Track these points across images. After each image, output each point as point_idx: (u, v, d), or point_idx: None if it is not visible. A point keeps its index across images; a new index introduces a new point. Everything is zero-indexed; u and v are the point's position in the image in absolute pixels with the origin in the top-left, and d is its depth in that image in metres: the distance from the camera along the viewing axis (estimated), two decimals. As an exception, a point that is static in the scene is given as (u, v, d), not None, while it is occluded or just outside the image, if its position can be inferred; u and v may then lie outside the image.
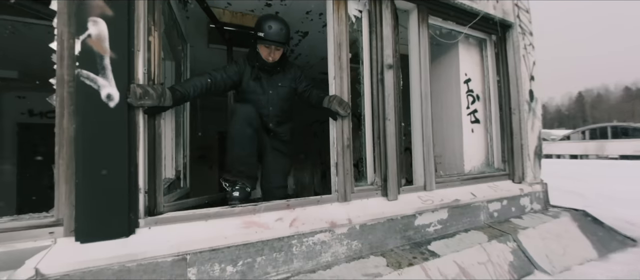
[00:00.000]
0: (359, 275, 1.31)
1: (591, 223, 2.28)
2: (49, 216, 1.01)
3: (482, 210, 2.02)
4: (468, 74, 2.44)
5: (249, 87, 1.71)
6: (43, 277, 0.89)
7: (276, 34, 1.59)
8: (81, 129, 1.02)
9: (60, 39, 1.03)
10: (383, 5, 1.75)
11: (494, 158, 2.45)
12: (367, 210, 1.57)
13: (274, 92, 1.74)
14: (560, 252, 1.91)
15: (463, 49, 2.43)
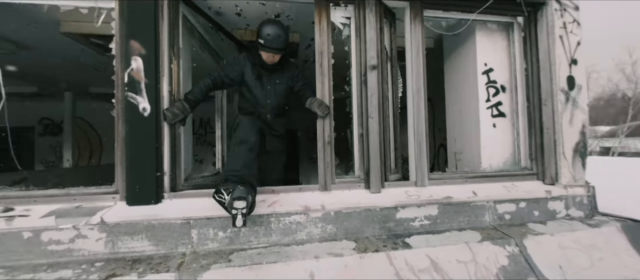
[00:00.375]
0: (324, 253, 1.52)
1: None
2: (112, 188, 1.60)
3: (488, 210, 1.89)
4: (489, 64, 2.25)
5: (251, 82, 1.89)
6: (105, 223, 1.45)
7: (274, 41, 1.74)
8: (128, 132, 1.57)
9: (116, 73, 1.60)
10: (367, 10, 1.86)
11: (521, 155, 2.20)
12: (344, 199, 1.75)
13: (272, 88, 1.92)
14: (586, 265, 1.65)
15: (482, 36, 2.25)
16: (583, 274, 1.61)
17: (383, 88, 1.91)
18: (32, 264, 1.37)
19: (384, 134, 1.91)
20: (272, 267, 1.41)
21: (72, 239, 1.42)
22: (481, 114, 2.23)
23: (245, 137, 1.72)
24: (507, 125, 2.26)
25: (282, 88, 1.95)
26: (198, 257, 1.46)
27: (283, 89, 1.96)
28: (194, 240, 1.54)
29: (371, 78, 1.85)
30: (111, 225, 1.46)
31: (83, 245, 1.43)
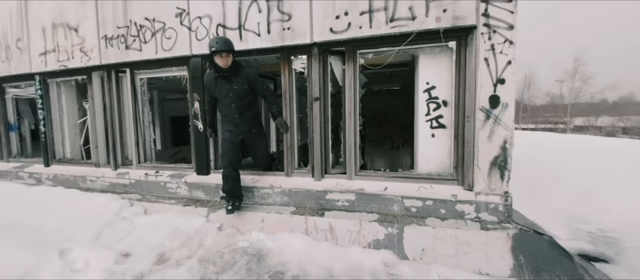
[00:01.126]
0: (274, 212, 2.75)
1: (547, 248, 1.98)
2: (191, 165, 3.35)
3: (396, 202, 2.53)
4: (431, 82, 2.64)
5: (218, 92, 2.60)
6: (187, 182, 3.20)
7: (220, 44, 2.39)
8: (195, 139, 3.24)
9: (189, 108, 3.27)
10: (312, 60, 2.75)
11: (451, 163, 2.57)
12: (297, 183, 2.87)
13: (233, 93, 2.57)
14: (450, 254, 2.15)
15: (426, 58, 2.65)
16: (442, 260, 2.14)
17: (325, 112, 2.80)
18: (163, 196, 3.30)
19: (325, 143, 2.83)
20: (247, 214, 2.77)
21: (177, 187, 3.25)
22: (420, 126, 2.69)
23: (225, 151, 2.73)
24: (446, 135, 2.62)
25: (241, 90, 2.58)
26: (220, 204, 3.01)
27: (242, 91, 2.58)
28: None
29: (315, 106, 2.78)
30: (190, 183, 3.20)
31: (179, 191, 3.25)
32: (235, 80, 2.60)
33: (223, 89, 2.60)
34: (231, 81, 2.59)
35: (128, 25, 3.37)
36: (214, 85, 2.63)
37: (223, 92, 2.61)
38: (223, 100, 2.65)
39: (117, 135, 3.70)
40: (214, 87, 2.63)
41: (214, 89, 2.64)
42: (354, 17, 2.54)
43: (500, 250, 2.07)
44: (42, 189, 3.78)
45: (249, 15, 2.85)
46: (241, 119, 2.71)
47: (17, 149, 4.73)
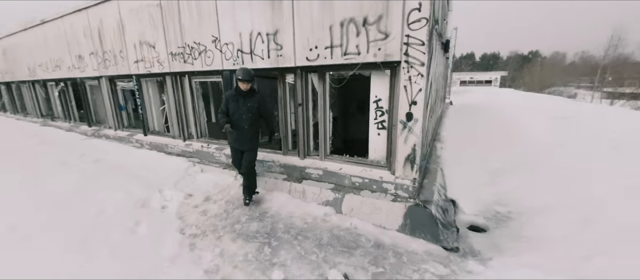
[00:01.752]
0: (273, 177, 4.30)
1: (425, 217, 3.09)
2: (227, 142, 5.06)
3: (346, 178, 3.81)
4: (379, 96, 3.66)
5: (233, 107, 3.51)
6: (224, 154, 4.95)
7: (244, 76, 3.41)
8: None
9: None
10: (297, 78, 3.96)
11: (385, 155, 3.67)
12: (288, 160, 4.32)
13: (246, 109, 3.52)
14: (367, 212, 3.42)
15: (375, 78, 3.64)
16: (362, 217, 3.42)
17: (306, 113, 4.07)
18: (211, 161, 5.13)
19: (307, 134, 4.15)
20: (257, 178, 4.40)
21: (219, 156, 5.03)
22: (371, 126, 3.79)
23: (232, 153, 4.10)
24: (385, 135, 3.68)
25: (252, 107, 3.56)
26: (242, 169, 4.69)
27: (253, 107, 3.57)
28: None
29: (299, 109, 4.07)
30: (226, 154, 4.94)
31: (221, 158, 5.03)
32: (249, 99, 3.57)
33: (239, 104, 3.53)
34: (246, 99, 3.56)
35: (184, 46, 4.97)
36: (232, 101, 3.56)
37: (238, 106, 3.53)
38: (236, 113, 3.54)
39: (183, 118, 5.59)
40: (231, 102, 3.56)
41: (230, 104, 3.58)
42: (321, 50, 3.62)
43: (397, 214, 3.26)
44: (143, 151, 6.03)
45: (256, 45, 4.13)
46: (245, 132, 3.59)
47: (126, 122, 7.17)
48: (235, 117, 3.58)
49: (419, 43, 3.03)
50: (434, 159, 5.09)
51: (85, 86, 7.71)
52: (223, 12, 4.31)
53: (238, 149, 3.81)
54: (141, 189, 4.24)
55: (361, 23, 3.27)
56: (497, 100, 17.51)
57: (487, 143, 6.32)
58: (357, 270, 2.58)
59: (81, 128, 8.19)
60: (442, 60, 6.73)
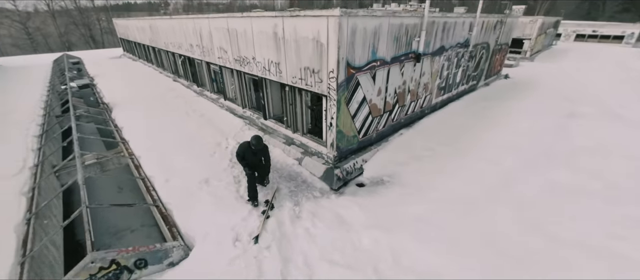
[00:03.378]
0: (279, 142, 8.12)
1: (331, 173, 6.43)
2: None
3: (309, 147, 7.30)
4: (325, 108, 6.78)
5: (250, 156, 5.47)
6: (262, 122, 8.99)
7: (256, 144, 5.39)
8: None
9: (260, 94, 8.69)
10: (289, 89, 7.32)
11: (328, 140, 6.94)
12: (289, 133, 8.02)
13: (257, 158, 5.65)
14: (311, 166, 6.96)
15: (323, 99, 6.73)
16: (308, 165, 6.98)
17: (294, 109, 7.51)
18: (255, 125, 9.28)
19: (295, 121, 7.66)
20: (270, 140, 8.31)
21: (259, 122, 9.12)
22: (323, 123, 7.01)
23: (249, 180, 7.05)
24: (326, 129, 6.87)
25: (259, 158, 5.72)
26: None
27: (260, 158, 5.74)
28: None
29: (290, 107, 7.54)
30: (264, 123, 8.97)
31: (258, 123, 9.12)
32: (258, 153, 5.66)
33: (254, 155, 5.59)
34: (257, 153, 5.63)
35: (240, 56, 8.76)
36: (248, 153, 5.50)
37: (254, 156, 5.61)
38: (253, 160, 5.61)
39: (243, 95, 9.73)
40: (248, 153, 5.50)
41: (247, 155, 5.51)
42: (296, 79, 6.84)
43: (321, 169, 6.68)
44: (223, 111, 10.64)
45: (270, 67, 7.56)
46: (259, 167, 5.86)
47: (216, 89, 11.91)
48: (253, 162, 5.72)
49: (333, 88, 5.98)
50: (384, 144, 7.91)
51: (194, 62, 12.68)
52: (257, 46, 7.79)
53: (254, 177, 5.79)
54: (219, 136, 8.74)
55: (312, 71, 6.32)
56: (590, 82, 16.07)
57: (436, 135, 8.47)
58: (288, 185, 6.31)
59: (193, 87, 13.56)
60: (410, 66, 8.61)
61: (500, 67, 16.37)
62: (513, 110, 10.93)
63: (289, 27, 6.46)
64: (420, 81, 8.80)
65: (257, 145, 5.46)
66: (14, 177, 6.47)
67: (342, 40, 5.51)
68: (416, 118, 9.53)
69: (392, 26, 6.62)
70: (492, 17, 12.12)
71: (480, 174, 6.37)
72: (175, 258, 4.35)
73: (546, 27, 25.23)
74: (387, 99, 7.63)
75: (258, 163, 5.82)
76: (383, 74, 7.05)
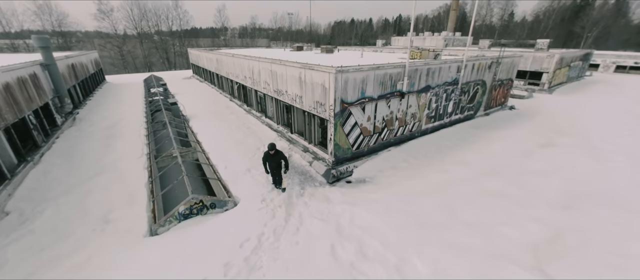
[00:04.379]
0: (298, 150, 11.28)
1: (329, 172, 9.31)
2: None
3: (317, 154, 10.30)
4: (327, 129, 9.81)
5: (270, 160, 7.95)
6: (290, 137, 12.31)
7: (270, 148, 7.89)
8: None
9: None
10: (308, 114, 10.52)
11: (329, 147, 9.89)
12: (304, 143, 11.15)
13: (275, 161, 7.94)
14: (317, 167, 9.93)
15: (327, 123, 9.78)
16: (315, 166, 9.96)
17: (311, 127, 10.65)
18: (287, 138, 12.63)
19: (311, 135, 10.76)
20: (292, 147, 11.52)
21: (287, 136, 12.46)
22: (328, 137, 10.01)
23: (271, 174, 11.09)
24: (329, 142, 9.83)
25: (278, 161, 7.95)
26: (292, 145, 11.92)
27: (278, 161, 7.95)
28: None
29: (308, 126, 10.69)
30: (291, 136, 12.28)
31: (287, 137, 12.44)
32: (276, 157, 7.91)
33: (272, 159, 7.89)
34: (275, 157, 7.90)
35: (278, 88, 12.27)
36: (268, 159, 7.93)
37: (272, 160, 7.91)
38: (272, 163, 7.96)
39: (278, 115, 13.21)
40: (268, 159, 7.93)
41: (269, 160, 7.97)
42: (311, 108, 9.99)
43: (323, 169, 9.60)
44: (264, 127, 14.22)
45: (296, 99, 10.86)
46: (278, 169, 8.10)
47: (258, 109, 15.66)
48: (273, 165, 8.12)
49: (332, 116, 8.99)
50: (373, 156, 10.59)
51: (246, 88, 16.71)
52: (288, 83, 11.21)
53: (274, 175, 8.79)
54: (259, 142, 12.20)
55: (320, 103, 9.44)
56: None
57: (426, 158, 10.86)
58: (300, 177, 9.32)
59: (243, 107, 17.58)
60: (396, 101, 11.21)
61: (503, 99, 17.85)
62: (495, 137, 12.77)
63: (308, 75, 9.74)
64: (407, 112, 11.38)
65: (271, 149, 8.04)
66: (139, 159, 10.51)
67: (338, 86, 8.58)
68: (405, 139, 12.01)
69: (377, 75, 9.51)
70: (483, 59, 14.21)
71: (432, 179, 8.74)
72: (229, 207, 7.58)
73: (569, 61, 25.41)
74: (376, 124, 10.39)
75: (276, 166, 8.17)
76: (371, 106, 9.88)
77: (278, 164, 8.10)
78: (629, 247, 5.98)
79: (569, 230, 6.52)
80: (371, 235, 6.33)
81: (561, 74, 24.78)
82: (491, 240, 6.19)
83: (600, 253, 5.84)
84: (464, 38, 41.36)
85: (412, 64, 10.51)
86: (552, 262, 5.61)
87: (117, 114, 16.46)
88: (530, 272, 5.36)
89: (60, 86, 14.43)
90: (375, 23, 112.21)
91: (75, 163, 10.12)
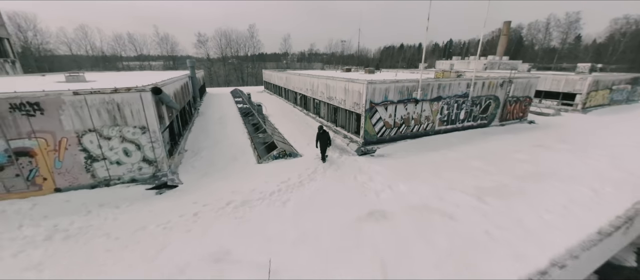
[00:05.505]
0: (340, 135, 15.88)
1: (360, 148, 13.63)
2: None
3: (353, 138, 14.73)
4: (359, 119, 14.25)
5: (321, 137, 15.79)
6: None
7: (320, 129, 15.75)
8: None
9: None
10: (341, 109, 15.15)
11: (360, 132, 14.26)
12: (345, 132, 15.72)
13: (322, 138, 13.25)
14: (353, 147, 14.34)
15: (361, 114, 14.24)
16: (351, 147, 14.37)
17: (348, 120, 15.22)
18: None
19: (349, 124, 15.30)
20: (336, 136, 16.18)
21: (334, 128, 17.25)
22: (361, 126, 14.41)
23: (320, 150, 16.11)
24: (361, 129, 14.21)
25: (326, 137, 15.71)
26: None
27: (326, 137, 15.68)
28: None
29: (342, 120, 15.29)
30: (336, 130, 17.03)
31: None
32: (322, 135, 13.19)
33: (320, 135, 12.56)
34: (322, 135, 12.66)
35: (330, 96, 17.24)
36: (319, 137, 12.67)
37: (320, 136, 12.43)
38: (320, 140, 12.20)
39: (329, 115, 18.11)
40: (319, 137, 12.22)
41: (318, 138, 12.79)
42: (351, 106, 14.60)
43: (355, 148, 13.94)
44: (317, 122, 19.27)
45: (341, 102, 15.61)
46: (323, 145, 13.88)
47: (314, 111, 20.86)
48: (321, 142, 13.56)
49: (363, 111, 13.43)
50: (392, 143, 14.56)
51: (306, 97, 22.20)
52: (337, 92, 16.08)
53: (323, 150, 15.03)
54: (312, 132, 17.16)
55: (356, 103, 14.00)
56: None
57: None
58: (340, 152, 13.82)
59: (303, 111, 23.05)
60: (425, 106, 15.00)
61: (522, 114, 19.81)
62: (498, 139, 15.47)
63: (350, 85, 14.47)
64: (421, 114, 15.14)
65: (320, 129, 13.07)
66: (242, 134, 16.38)
67: (368, 93, 13.07)
68: (420, 135, 15.64)
69: (397, 86, 13.72)
70: (493, 79, 17.10)
71: (432, 157, 12.35)
72: (298, 157, 12.45)
73: (609, 84, 25.16)
74: (396, 120, 14.43)
75: (324, 141, 13.18)
76: (392, 107, 14.04)
77: (325, 140, 12.78)
78: (541, 199, 8.95)
79: (513, 187, 9.65)
80: (378, 173, 10.49)
81: (599, 96, 24.74)
82: (454, 184, 9.75)
83: (524, 199, 8.96)
84: (511, 62, 41.73)
85: (425, 80, 14.42)
86: (487, 196, 8.98)
87: (220, 111, 23.46)
88: (470, 196, 8.87)
89: (195, 90, 21.92)
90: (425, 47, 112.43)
91: (209, 134, 16.42)
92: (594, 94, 24.17)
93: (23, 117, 7.55)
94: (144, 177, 9.39)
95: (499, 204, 8.40)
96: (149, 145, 9.14)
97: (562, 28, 79.84)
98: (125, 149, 8.86)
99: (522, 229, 7.15)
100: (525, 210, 8.09)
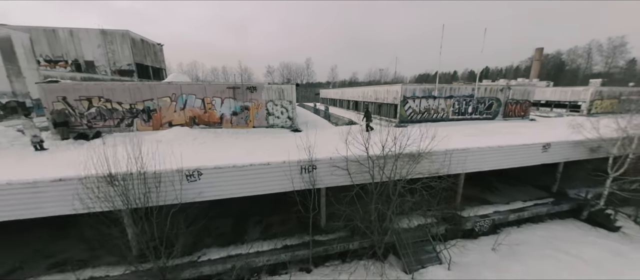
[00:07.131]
0: (376, 118, 23.37)
1: (398, 125, 20.92)
2: (379, 115, 24.78)
3: (390, 119, 22.10)
4: (395, 108, 21.69)
5: (366, 117, 23.54)
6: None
7: (366, 109, 23.34)
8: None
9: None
10: (370, 103, 22.75)
11: (395, 117, 21.62)
12: (388, 118, 23.21)
13: (367, 115, 23.29)
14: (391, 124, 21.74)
15: (397, 105, 21.71)
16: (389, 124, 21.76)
17: (376, 111, 22.77)
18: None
19: (368, 117, 22.83)
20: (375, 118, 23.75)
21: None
22: (397, 112, 21.80)
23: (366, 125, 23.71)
24: (396, 115, 21.55)
25: (370, 114, 23.33)
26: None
27: (370, 114, 23.32)
28: (381, 119, 24.29)
29: (371, 110, 22.83)
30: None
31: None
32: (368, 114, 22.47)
33: (367, 113, 23.32)
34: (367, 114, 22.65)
35: (377, 97, 25.11)
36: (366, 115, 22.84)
37: (367, 116, 23.16)
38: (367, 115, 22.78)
39: (363, 107, 25.88)
40: (365, 115, 23.37)
41: (365, 115, 23.34)
42: (390, 100, 22.20)
43: (393, 125, 21.28)
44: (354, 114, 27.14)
45: (384, 99, 23.34)
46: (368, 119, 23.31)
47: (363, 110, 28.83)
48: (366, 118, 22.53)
49: (399, 102, 20.94)
50: (417, 124, 21.58)
51: (358, 102, 30.38)
52: (382, 94, 23.91)
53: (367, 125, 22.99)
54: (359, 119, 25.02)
55: (394, 97, 21.60)
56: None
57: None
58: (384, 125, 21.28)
59: (354, 112, 31.14)
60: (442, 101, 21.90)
61: (523, 113, 24.94)
62: (493, 123, 21.33)
63: (390, 88, 22.27)
64: (438, 106, 21.98)
65: (365, 109, 20.83)
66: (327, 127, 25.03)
67: (402, 91, 20.67)
68: (438, 120, 22.29)
69: (421, 88, 21.04)
70: (494, 86, 23.21)
71: (440, 131, 19.13)
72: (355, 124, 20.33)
73: (615, 95, 28.29)
74: (421, 109, 21.53)
75: (369, 117, 20.91)
76: (419, 100, 21.26)
77: (369, 116, 20.42)
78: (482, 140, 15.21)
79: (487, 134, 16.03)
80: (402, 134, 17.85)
81: (604, 105, 28.03)
82: (454, 134, 16.52)
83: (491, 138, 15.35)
84: (531, 82, 44.99)
85: (440, 86, 21.51)
86: (470, 137, 15.61)
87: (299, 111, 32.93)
88: (461, 135, 15.63)
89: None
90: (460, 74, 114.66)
91: (309, 127, 25.38)
92: (599, 103, 27.65)
93: (247, 91, 17.00)
94: (287, 125, 18.25)
95: (477, 135, 15.06)
96: (292, 110, 18.02)
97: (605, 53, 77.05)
98: (282, 110, 17.87)
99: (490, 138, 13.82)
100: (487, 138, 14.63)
